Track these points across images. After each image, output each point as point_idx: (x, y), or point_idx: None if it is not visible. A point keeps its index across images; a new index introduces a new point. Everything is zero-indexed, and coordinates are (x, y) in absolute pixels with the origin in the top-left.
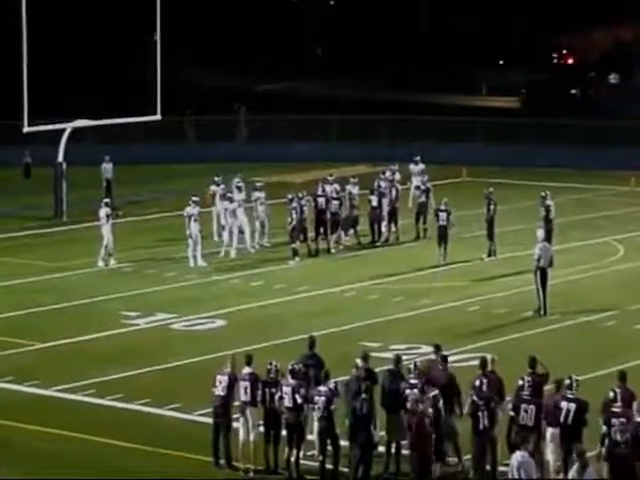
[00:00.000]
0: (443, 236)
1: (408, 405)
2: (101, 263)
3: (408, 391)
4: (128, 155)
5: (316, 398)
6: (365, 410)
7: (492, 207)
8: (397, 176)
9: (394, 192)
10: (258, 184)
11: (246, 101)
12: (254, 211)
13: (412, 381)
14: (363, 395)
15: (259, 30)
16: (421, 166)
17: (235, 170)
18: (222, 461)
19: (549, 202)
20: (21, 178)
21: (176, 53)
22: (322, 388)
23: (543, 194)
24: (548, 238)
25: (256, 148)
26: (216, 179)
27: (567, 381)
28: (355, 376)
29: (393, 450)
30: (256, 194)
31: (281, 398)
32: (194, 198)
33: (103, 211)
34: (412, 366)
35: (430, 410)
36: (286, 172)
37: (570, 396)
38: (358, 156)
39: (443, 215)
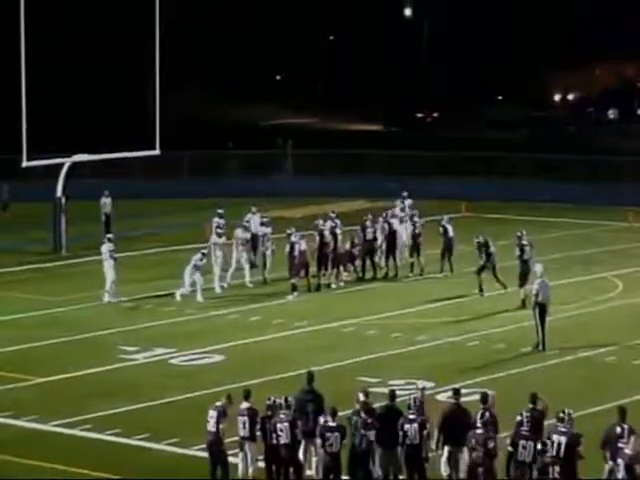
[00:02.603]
0: (449, 248)
1: (407, 441)
2: (110, 298)
3: (407, 426)
4: (127, 190)
5: (328, 434)
6: (364, 446)
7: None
8: (398, 211)
9: (386, 227)
10: (265, 219)
11: (249, 137)
12: (261, 245)
13: (410, 416)
14: (362, 431)
15: (259, 64)
16: (409, 201)
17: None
18: None
19: (524, 242)
20: (20, 213)
21: (178, 89)
22: (332, 424)
23: (519, 233)
24: (523, 279)
25: (258, 183)
26: (220, 211)
27: (560, 414)
28: (357, 411)
29: None
30: (263, 229)
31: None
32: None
33: (105, 247)
34: (412, 401)
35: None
36: (286, 207)
37: (562, 429)
38: (355, 190)
39: (449, 228)
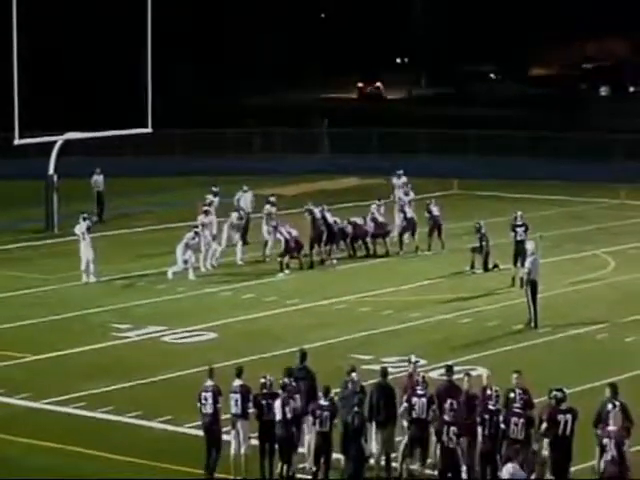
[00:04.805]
0: (439, 227)
1: (414, 414)
2: (87, 279)
3: (415, 400)
4: (119, 168)
5: (318, 412)
6: (357, 423)
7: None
8: (402, 194)
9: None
10: (271, 198)
11: (247, 114)
12: (264, 224)
13: (419, 391)
14: (356, 408)
15: (252, 45)
16: (403, 179)
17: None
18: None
19: (517, 222)
20: (12, 191)
21: (175, 68)
22: (323, 402)
23: (515, 215)
24: (520, 260)
25: (252, 161)
26: (214, 189)
27: (558, 394)
28: (352, 390)
29: (383, 463)
30: (267, 207)
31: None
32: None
33: (83, 226)
34: (420, 378)
35: None
36: (278, 185)
37: (564, 408)
38: (349, 168)
39: (435, 209)
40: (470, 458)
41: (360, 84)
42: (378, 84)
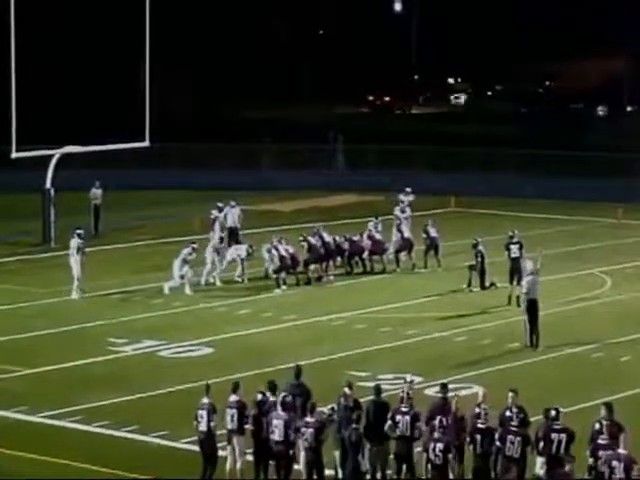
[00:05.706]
0: (436, 247)
1: (397, 432)
2: (76, 295)
3: (399, 417)
4: (117, 181)
5: (303, 429)
6: (355, 439)
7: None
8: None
9: (380, 226)
10: (283, 241)
11: (228, 129)
12: (264, 251)
13: (403, 409)
14: (354, 425)
15: (247, 58)
16: (410, 197)
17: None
18: None
19: (513, 240)
20: (9, 204)
21: (172, 82)
22: (309, 419)
23: (510, 233)
24: (515, 278)
25: (242, 177)
26: (219, 205)
27: (553, 412)
28: (344, 405)
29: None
30: (274, 241)
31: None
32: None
33: (74, 242)
34: (404, 395)
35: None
36: (275, 200)
37: (558, 427)
38: (346, 184)
39: (432, 230)
40: (459, 475)
41: (370, 97)
42: (387, 98)
